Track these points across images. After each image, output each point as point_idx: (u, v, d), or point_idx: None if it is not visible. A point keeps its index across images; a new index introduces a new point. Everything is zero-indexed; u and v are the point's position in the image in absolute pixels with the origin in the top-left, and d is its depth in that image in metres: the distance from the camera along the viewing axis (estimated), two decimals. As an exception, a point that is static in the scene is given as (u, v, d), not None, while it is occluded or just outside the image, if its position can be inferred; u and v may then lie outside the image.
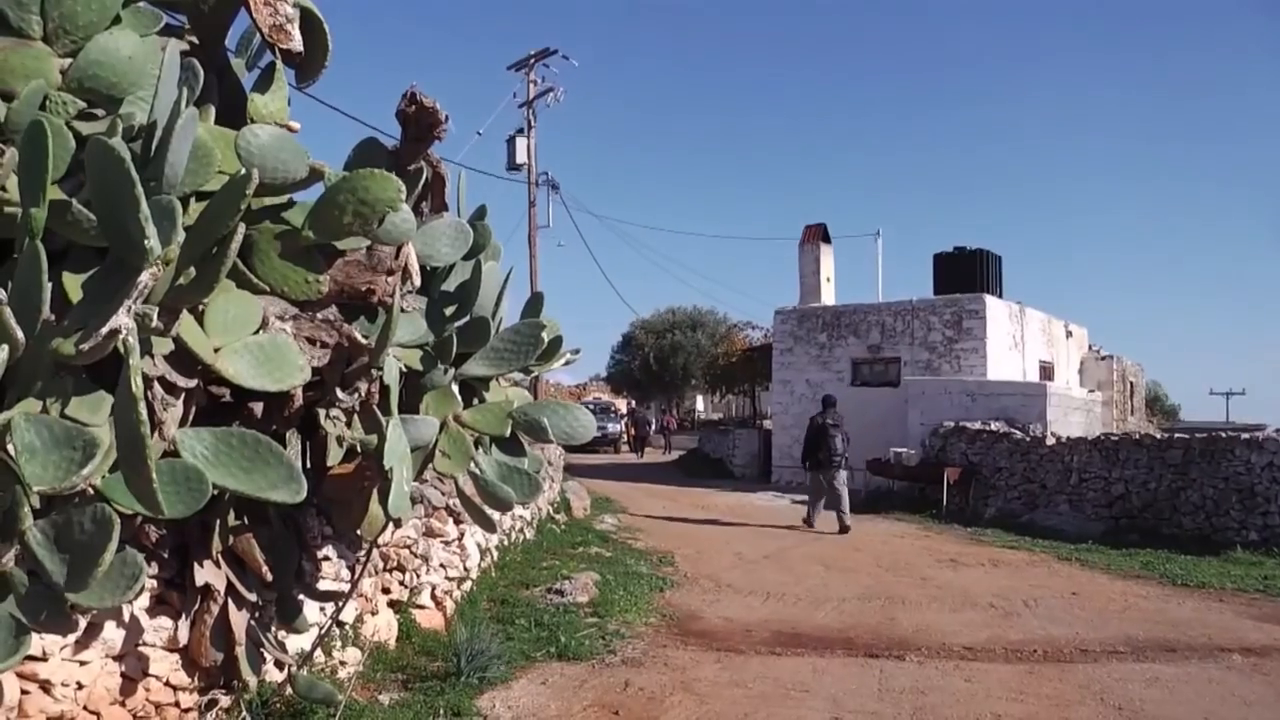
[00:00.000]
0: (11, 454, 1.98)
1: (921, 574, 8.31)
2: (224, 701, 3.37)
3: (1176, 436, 11.46)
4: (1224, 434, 10.96)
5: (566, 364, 4.69)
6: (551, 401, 4.39)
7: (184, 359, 2.61)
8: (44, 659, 2.64)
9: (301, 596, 3.86)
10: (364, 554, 4.18)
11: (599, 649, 5.32)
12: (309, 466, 3.47)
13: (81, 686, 2.77)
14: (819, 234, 19.97)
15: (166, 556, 3.13)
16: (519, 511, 8.55)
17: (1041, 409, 13.81)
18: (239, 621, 3.31)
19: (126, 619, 2.96)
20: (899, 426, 15.26)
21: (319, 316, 3.10)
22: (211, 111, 3.12)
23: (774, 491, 16.64)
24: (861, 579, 8.02)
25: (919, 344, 16.85)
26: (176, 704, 3.19)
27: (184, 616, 3.18)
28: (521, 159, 22.47)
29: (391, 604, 5.05)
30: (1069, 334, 20.44)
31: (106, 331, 1.93)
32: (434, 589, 5.56)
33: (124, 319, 1.96)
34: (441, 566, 5.71)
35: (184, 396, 2.67)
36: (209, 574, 3.20)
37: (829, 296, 19.64)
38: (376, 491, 3.49)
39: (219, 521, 3.20)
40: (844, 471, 11.39)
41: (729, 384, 29.37)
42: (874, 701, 4.52)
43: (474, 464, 3.83)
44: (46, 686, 2.65)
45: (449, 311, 3.88)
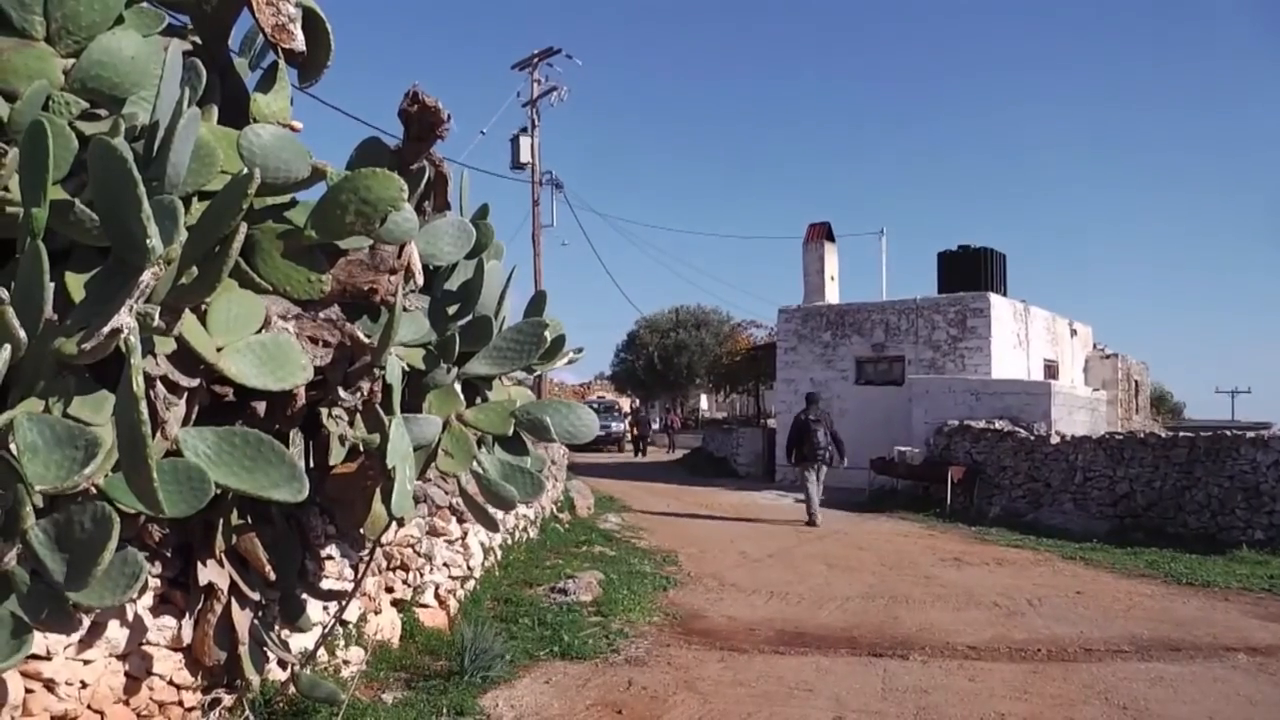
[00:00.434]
0: (14, 453, 1.98)
1: (925, 573, 8.30)
2: (227, 700, 3.38)
3: (1181, 435, 11.40)
4: (1229, 432, 10.91)
5: (569, 363, 4.69)
6: (554, 400, 4.39)
7: (186, 358, 2.61)
8: (48, 658, 2.64)
9: (305, 595, 3.87)
10: (367, 553, 4.19)
11: (602, 648, 5.32)
12: (312, 466, 3.47)
13: (85, 685, 2.78)
14: (823, 232, 19.94)
15: (170, 556, 3.13)
16: (522, 510, 8.55)
17: (1046, 408, 13.77)
18: (242, 620, 3.32)
19: (130, 618, 2.96)
20: (903, 425, 15.25)
21: (321, 316, 3.11)
22: (214, 111, 3.12)
23: (778, 490, 16.61)
24: (865, 578, 8.01)
25: (923, 342, 16.82)
26: (180, 703, 3.20)
27: (187, 615, 3.18)
28: (525, 158, 22.49)
29: (395, 603, 5.05)
30: (1073, 332, 20.38)
31: (108, 331, 1.94)
32: (437, 588, 5.57)
33: (126, 318, 1.96)
34: (445, 565, 5.72)
35: (187, 396, 2.67)
36: (212, 573, 3.20)
37: (833, 295, 19.61)
38: (379, 491, 3.49)
39: (222, 521, 3.20)
40: (825, 467, 11.67)
41: (733, 383, 29.35)
42: (877, 701, 4.52)
43: (477, 463, 3.83)
44: (50, 685, 2.66)
45: (452, 310, 3.88)
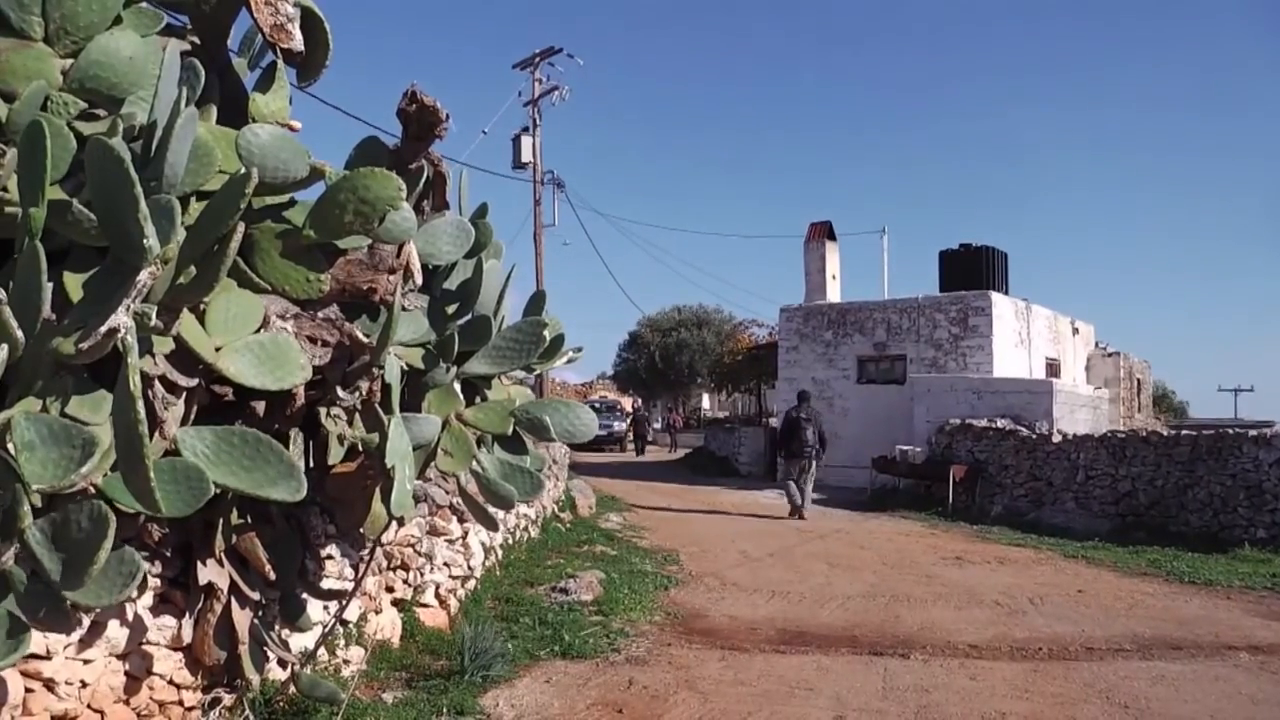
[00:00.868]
0: (11, 452, 1.99)
1: (927, 572, 8.29)
2: (227, 700, 3.38)
3: (1184, 434, 11.39)
4: (1231, 431, 10.90)
5: (569, 362, 4.69)
6: (553, 400, 4.39)
7: (185, 358, 2.61)
8: (48, 657, 2.64)
9: (305, 595, 3.87)
10: (367, 553, 4.19)
11: (603, 647, 5.32)
12: (313, 465, 3.48)
13: (85, 685, 2.78)
14: (824, 231, 19.94)
15: (170, 555, 3.13)
16: (523, 510, 8.55)
17: (1048, 406, 13.76)
18: (242, 620, 3.32)
19: (130, 618, 2.96)
20: (905, 424, 15.24)
21: (320, 315, 3.11)
22: (213, 111, 3.12)
23: (779, 489, 16.57)
24: (866, 577, 8.01)
25: (925, 341, 16.81)
26: (180, 702, 3.20)
27: (187, 615, 3.18)
28: (527, 157, 22.49)
29: (395, 602, 5.06)
30: (1075, 331, 20.36)
31: (105, 330, 1.94)
32: (438, 587, 5.57)
33: (123, 318, 1.96)
34: (445, 565, 5.72)
35: (185, 395, 2.67)
36: (212, 573, 3.20)
37: (834, 294, 19.60)
38: (379, 490, 3.49)
39: (222, 520, 3.20)
40: (815, 463, 12.24)
41: (735, 382, 29.33)
42: (878, 699, 4.51)
43: (476, 462, 3.83)
44: (50, 685, 2.66)
45: (451, 310, 3.88)
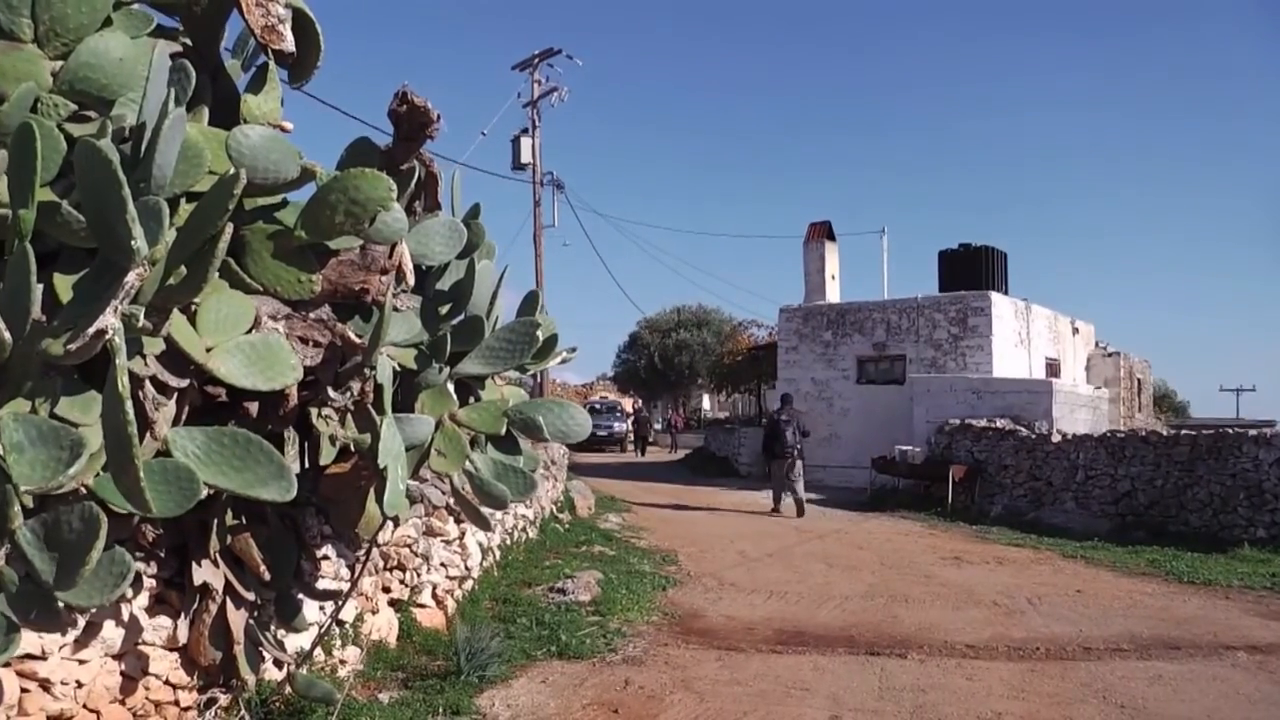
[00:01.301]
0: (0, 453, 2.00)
1: (925, 572, 8.29)
2: (223, 700, 3.39)
3: (1183, 433, 11.38)
4: (1231, 430, 10.89)
5: (563, 362, 4.70)
6: (548, 400, 4.39)
7: (176, 359, 2.62)
8: (43, 658, 2.65)
9: (300, 595, 3.87)
10: (363, 553, 4.20)
11: (600, 647, 5.32)
12: (307, 466, 3.49)
13: (81, 685, 2.79)
14: (824, 231, 19.94)
15: (165, 556, 3.14)
16: (522, 510, 8.56)
17: (1047, 406, 13.75)
18: (237, 620, 3.33)
19: (125, 618, 2.97)
20: (904, 424, 15.24)
21: (312, 316, 3.11)
22: (205, 112, 3.13)
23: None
24: (865, 577, 8.01)
25: (924, 341, 16.81)
26: (176, 702, 3.21)
27: (183, 615, 3.19)
28: (526, 159, 22.53)
29: (392, 603, 5.06)
30: (1075, 331, 20.35)
31: (93, 332, 1.95)
32: (435, 588, 5.57)
33: (111, 319, 1.97)
34: (442, 565, 5.72)
35: (177, 396, 2.68)
36: (207, 573, 3.21)
37: (834, 294, 19.60)
38: (373, 490, 3.50)
39: (217, 521, 3.22)
40: (800, 461, 12.65)
41: (735, 382, 29.35)
42: (874, 700, 4.51)
43: (469, 462, 3.84)
44: (46, 685, 2.67)
45: (443, 310, 3.89)
